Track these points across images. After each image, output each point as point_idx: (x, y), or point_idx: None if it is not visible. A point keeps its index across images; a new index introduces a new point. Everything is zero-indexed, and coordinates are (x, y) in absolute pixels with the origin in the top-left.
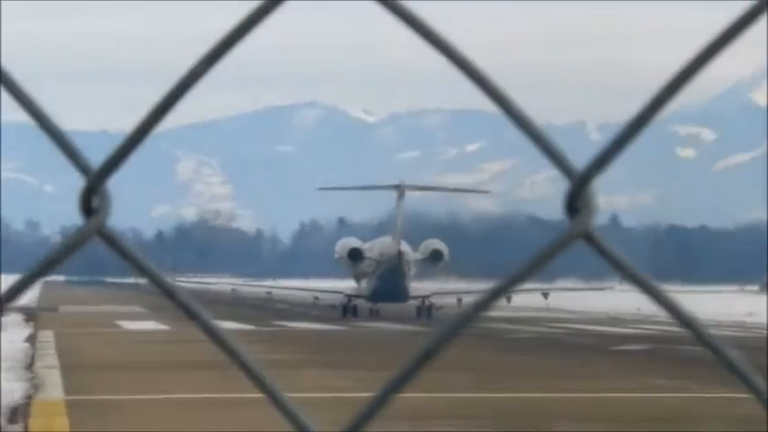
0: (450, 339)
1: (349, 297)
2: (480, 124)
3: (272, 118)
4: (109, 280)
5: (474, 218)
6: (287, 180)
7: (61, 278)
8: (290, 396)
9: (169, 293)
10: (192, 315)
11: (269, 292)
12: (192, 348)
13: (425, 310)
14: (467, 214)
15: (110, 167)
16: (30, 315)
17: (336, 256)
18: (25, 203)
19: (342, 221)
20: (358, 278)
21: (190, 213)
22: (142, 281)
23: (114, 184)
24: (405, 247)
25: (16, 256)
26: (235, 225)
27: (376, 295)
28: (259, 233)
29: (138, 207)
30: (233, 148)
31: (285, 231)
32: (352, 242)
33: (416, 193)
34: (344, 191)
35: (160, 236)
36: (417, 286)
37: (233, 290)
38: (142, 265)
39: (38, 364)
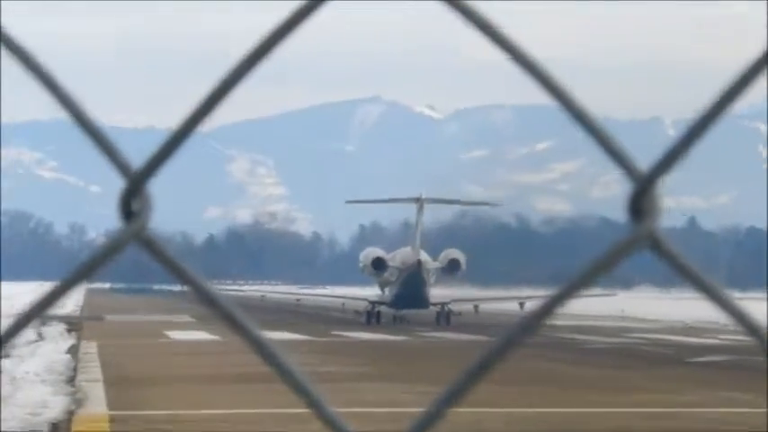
0: (508, 350)
1: (373, 304)
2: (551, 121)
3: (331, 114)
4: (156, 287)
5: (543, 220)
6: (347, 180)
7: (106, 285)
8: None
9: (211, 302)
10: (235, 325)
11: (298, 300)
12: (245, 360)
13: (445, 316)
14: (535, 217)
15: (152, 168)
16: (73, 325)
17: (361, 265)
18: (68, 205)
19: (406, 224)
20: (382, 286)
21: (243, 216)
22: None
23: (163, 185)
24: (424, 256)
25: (58, 261)
26: (291, 228)
27: (398, 302)
28: (316, 237)
29: (188, 209)
30: (289, 146)
31: (344, 235)
32: (376, 252)
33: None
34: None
35: (211, 240)
36: (437, 293)
37: (262, 297)
38: (183, 272)
39: (80, 377)
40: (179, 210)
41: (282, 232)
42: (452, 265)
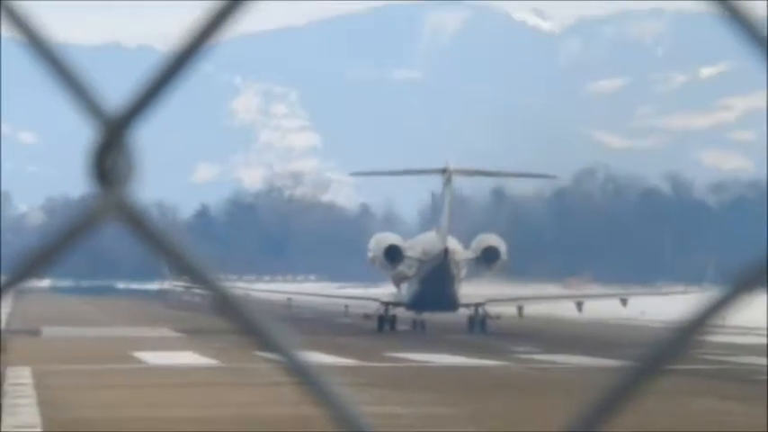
0: (649, 378)
1: (386, 305)
2: (722, 35)
3: (386, 23)
4: (120, 285)
5: (711, 185)
6: (410, 125)
7: (44, 283)
8: None
9: (225, 303)
10: (264, 341)
11: (289, 299)
12: (259, 396)
13: (479, 322)
14: (700, 179)
15: (136, 111)
16: None
17: (370, 255)
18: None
19: (497, 193)
20: (397, 282)
21: (252, 178)
22: (174, 286)
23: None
24: (453, 243)
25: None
26: (325, 198)
27: (418, 302)
28: (365, 210)
29: (169, 168)
30: (322, 72)
31: (408, 206)
32: (390, 238)
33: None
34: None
35: (203, 214)
36: (469, 292)
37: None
38: (188, 263)
39: (7, 421)
40: (155, 168)
41: (312, 203)
42: (489, 255)
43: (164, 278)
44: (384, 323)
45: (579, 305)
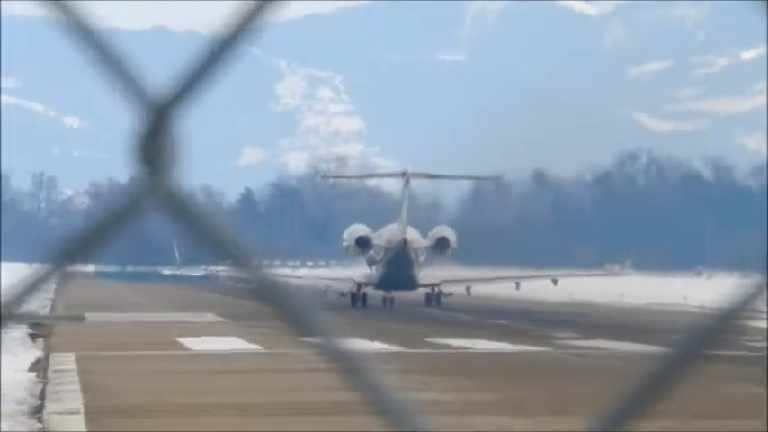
0: (692, 364)
1: (359, 284)
2: (762, 18)
3: (430, 6)
4: (166, 271)
5: (753, 168)
6: (455, 108)
7: (89, 269)
8: None
9: (269, 291)
10: (301, 324)
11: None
12: (302, 382)
13: (435, 298)
14: (743, 163)
15: (181, 96)
16: (38, 327)
17: (345, 244)
18: (32, 146)
19: (539, 175)
20: (370, 265)
21: (297, 161)
22: (222, 272)
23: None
24: (412, 234)
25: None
26: (370, 183)
27: (385, 283)
28: (410, 195)
29: (213, 152)
30: (367, 56)
31: (453, 192)
32: (360, 229)
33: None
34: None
35: (247, 199)
36: (429, 274)
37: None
38: (230, 248)
39: (50, 407)
40: (198, 153)
41: (357, 188)
42: (441, 244)
43: (176, 264)
44: (356, 299)
45: (517, 284)
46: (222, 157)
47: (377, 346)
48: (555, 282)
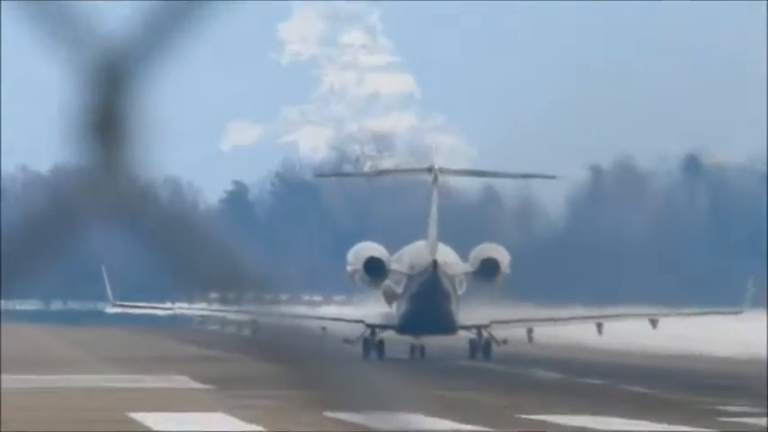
0: None
1: (372, 327)
2: None
3: None
4: (112, 309)
5: None
6: (549, 56)
7: None
8: None
9: (282, 342)
10: (336, 397)
11: (254, 321)
12: None
13: (483, 346)
14: None
15: (146, 44)
16: None
17: (349, 268)
18: None
19: (691, 158)
20: (389, 300)
21: (312, 141)
22: (201, 311)
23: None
24: (446, 255)
25: None
26: (426, 175)
27: (409, 324)
28: (490, 196)
29: (185, 128)
30: None
31: (549, 190)
32: (371, 248)
33: None
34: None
35: (237, 198)
36: (477, 311)
37: (201, 320)
38: (222, 279)
39: None
40: (166, 130)
41: (407, 183)
42: (487, 267)
43: (107, 300)
44: (369, 348)
45: (599, 327)
46: (199, 136)
47: (447, 425)
48: (654, 323)
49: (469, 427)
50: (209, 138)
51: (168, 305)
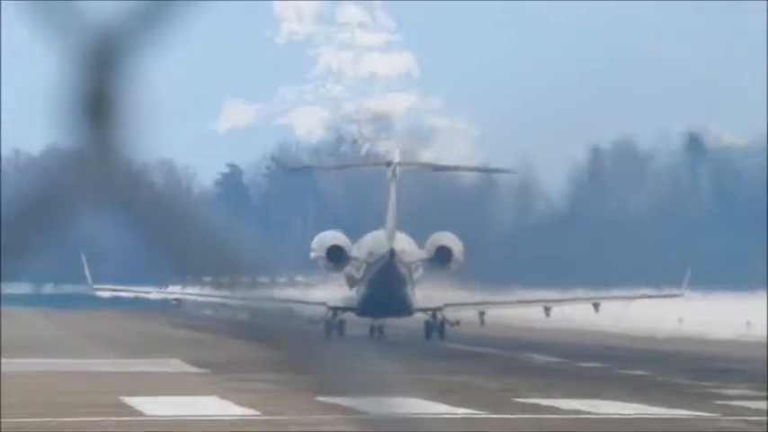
0: None
1: (334, 310)
2: None
3: None
4: (104, 292)
5: None
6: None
7: None
8: None
9: (276, 327)
10: (329, 381)
11: (223, 304)
12: None
13: (437, 327)
14: None
15: (139, 21)
16: None
17: (313, 255)
18: None
19: (694, 138)
20: (350, 284)
21: (309, 122)
22: (193, 295)
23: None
24: (402, 243)
25: None
26: (428, 155)
27: (368, 307)
28: (491, 175)
29: (179, 109)
30: None
31: (553, 169)
32: (334, 237)
33: None
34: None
35: (232, 181)
36: (431, 295)
37: (176, 302)
38: (216, 263)
39: None
40: (158, 110)
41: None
42: (442, 255)
43: (85, 282)
44: (331, 329)
45: (547, 310)
46: (194, 116)
47: (442, 409)
48: (596, 306)
49: (464, 410)
50: (205, 118)
51: (148, 289)
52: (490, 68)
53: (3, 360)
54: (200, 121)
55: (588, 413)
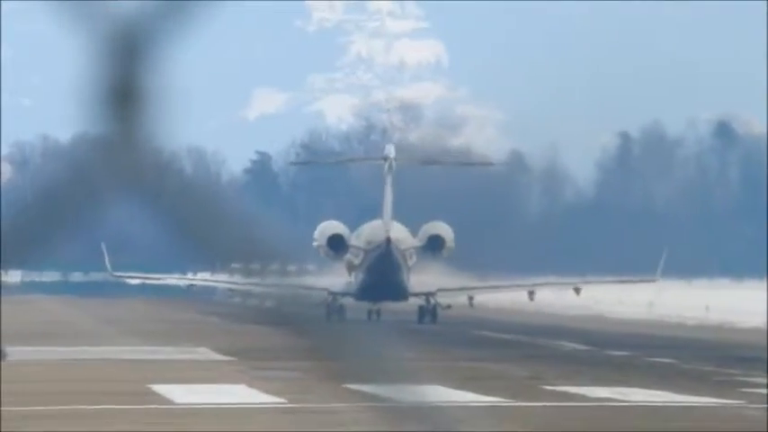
0: None
1: (334, 295)
2: None
3: None
4: (133, 282)
5: None
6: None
7: (14, 277)
8: None
9: (304, 315)
10: (356, 369)
11: (231, 290)
12: None
13: (430, 311)
14: None
15: (166, 13)
16: None
17: (315, 243)
18: None
19: (723, 126)
20: (349, 271)
21: (339, 110)
22: (222, 283)
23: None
24: (398, 232)
25: None
26: (457, 141)
27: (366, 292)
28: (518, 161)
29: (209, 97)
30: None
31: (577, 155)
32: (334, 227)
33: None
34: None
35: (261, 169)
36: (425, 280)
37: (189, 287)
38: (245, 251)
39: None
40: (188, 98)
41: (436, 150)
42: (434, 243)
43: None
44: (332, 312)
45: (531, 294)
46: (224, 104)
47: (468, 397)
48: (578, 291)
49: (489, 398)
50: (235, 106)
51: (170, 275)
52: (518, 56)
53: (30, 348)
54: (231, 108)
55: (616, 401)
